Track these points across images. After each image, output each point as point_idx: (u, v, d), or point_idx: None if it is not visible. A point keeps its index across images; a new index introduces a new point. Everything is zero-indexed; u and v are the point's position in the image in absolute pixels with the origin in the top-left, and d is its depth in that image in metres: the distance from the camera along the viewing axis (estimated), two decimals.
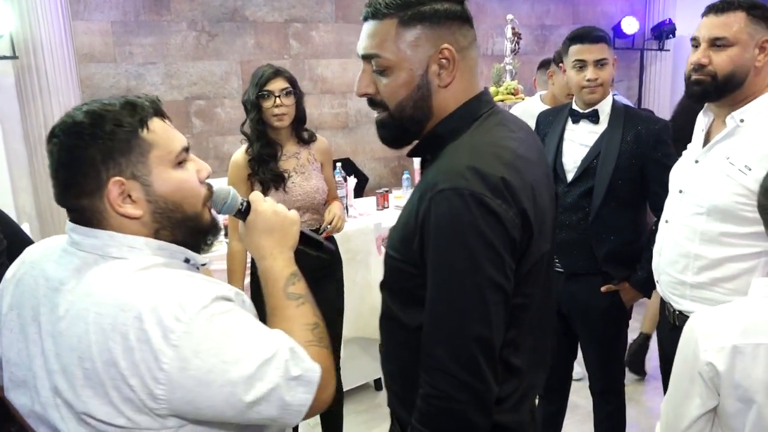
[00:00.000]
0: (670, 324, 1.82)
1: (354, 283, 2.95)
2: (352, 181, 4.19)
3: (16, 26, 3.79)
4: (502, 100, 4.48)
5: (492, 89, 4.59)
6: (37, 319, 0.96)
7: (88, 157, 0.94)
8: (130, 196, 0.96)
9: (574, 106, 2.35)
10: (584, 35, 2.29)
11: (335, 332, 2.59)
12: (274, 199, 2.30)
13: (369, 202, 4.32)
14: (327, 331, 1.07)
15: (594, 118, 2.29)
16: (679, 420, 1.20)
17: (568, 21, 6.27)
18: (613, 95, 2.39)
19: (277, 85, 2.30)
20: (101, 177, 0.95)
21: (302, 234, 1.21)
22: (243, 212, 1.14)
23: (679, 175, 1.82)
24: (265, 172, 2.33)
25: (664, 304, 1.87)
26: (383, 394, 3.36)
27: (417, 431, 1.02)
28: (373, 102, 1.12)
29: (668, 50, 6.56)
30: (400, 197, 4.54)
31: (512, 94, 4.46)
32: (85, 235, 0.97)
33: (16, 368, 0.99)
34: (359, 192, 4.54)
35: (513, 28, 4.59)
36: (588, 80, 2.25)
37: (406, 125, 1.11)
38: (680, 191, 1.78)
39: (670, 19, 6.42)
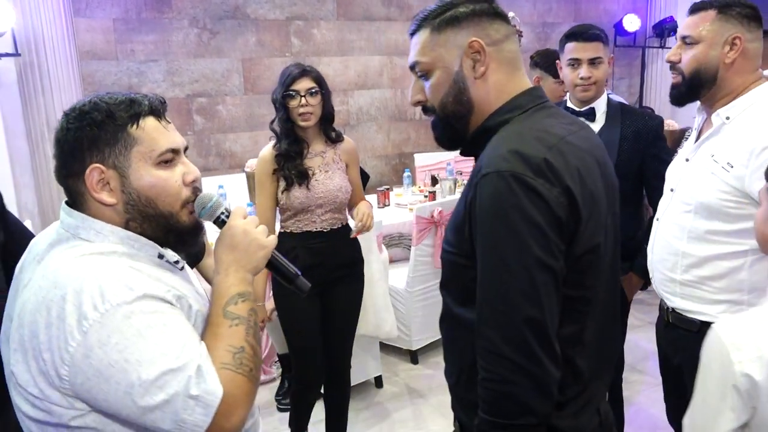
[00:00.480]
0: (665, 321, 1.83)
1: None
2: None
3: (18, 23, 3.80)
4: None
5: None
6: (23, 282, 1.04)
7: (77, 140, 1.01)
8: (108, 184, 1.02)
9: (569, 104, 2.36)
10: (579, 33, 2.29)
11: (351, 330, 2.62)
12: (297, 195, 2.21)
13: (370, 200, 4.32)
14: (256, 357, 1.03)
15: (591, 116, 2.30)
16: None
17: (569, 18, 6.27)
18: (608, 94, 2.40)
19: (303, 84, 2.32)
20: (85, 161, 1.01)
21: (276, 263, 1.19)
22: (220, 222, 1.14)
23: (671, 173, 1.84)
24: (290, 168, 2.35)
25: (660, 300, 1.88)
26: (384, 392, 3.38)
27: (483, 421, 1.01)
28: (426, 108, 1.18)
29: (670, 48, 6.53)
30: (401, 195, 4.56)
31: None
32: (67, 214, 1.05)
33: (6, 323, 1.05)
34: None
35: (515, 26, 4.59)
36: (581, 78, 2.26)
37: (451, 122, 1.15)
38: (671, 189, 1.79)
39: (671, 16, 6.41)
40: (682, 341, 1.76)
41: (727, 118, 1.63)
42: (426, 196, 4.28)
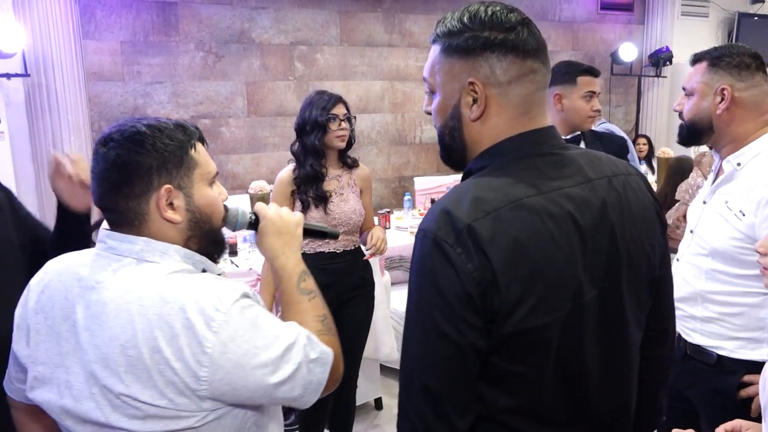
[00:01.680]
0: (682, 352, 1.82)
1: None
2: None
3: (28, 45, 3.88)
4: None
5: None
6: (70, 317, 1.04)
7: (147, 163, 1.04)
8: (171, 204, 1.07)
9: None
10: (593, 69, 2.43)
11: (359, 351, 2.67)
12: (314, 216, 2.29)
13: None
14: (332, 320, 1.19)
15: (577, 141, 2.45)
16: None
17: (568, 47, 6.39)
18: (603, 122, 2.58)
19: (341, 110, 2.47)
20: (153, 183, 1.05)
21: (309, 229, 1.35)
22: (253, 224, 1.26)
23: (691, 215, 1.85)
24: (309, 191, 2.45)
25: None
26: (383, 414, 3.40)
27: None
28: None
29: (665, 77, 6.68)
30: (401, 218, 4.61)
31: None
32: (121, 241, 1.06)
33: (44, 367, 1.06)
34: None
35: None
36: (594, 110, 2.40)
37: (448, 150, 1.06)
38: (691, 231, 1.81)
39: (667, 46, 6.55)
40: (698, 374, 1.77)
41: (738, 164, 1.65)
42: None
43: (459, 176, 1.23)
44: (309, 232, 1.35)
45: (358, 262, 2.57)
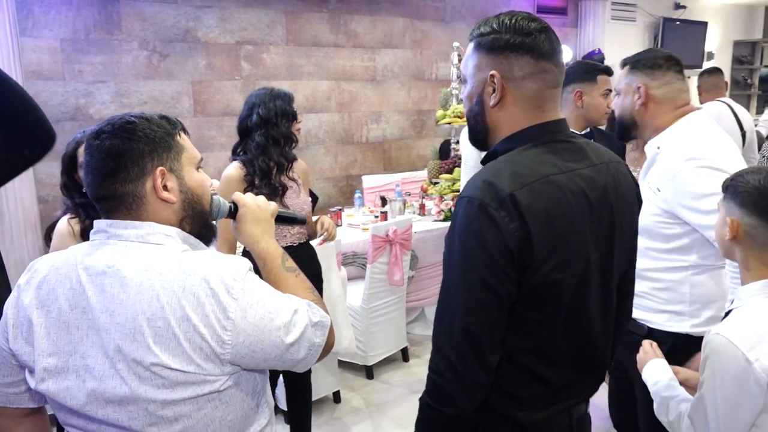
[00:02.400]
0: None
1: None
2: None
3: None
4: (450, 123, 4.71)
5: (439, 113, 4.81)
6: (79, 305, 1.08)
7: (139, 148, 1.11)
8: (166, 186, 1.14)
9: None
10: (609, 69, 2.63)
11: None
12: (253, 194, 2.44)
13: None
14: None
15: (589, 137, 2.58)
16: (735, 429, 1.27)
17: None
18: None
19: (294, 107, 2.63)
20: (147, 166, 1.12)
21: (284, 216, 1.46)
22: (232, 212, 1.34)
23: None
24: (269, 183, 2.49)
25: None
26: (342, 407, 3.46)
27: (422, 399, 1.19)
28: None
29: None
30: (352, 215, 4.67)
31: (459, 117, 4.69)
32: (125, 227, 1.12)
33: (55, 358, 1.08)
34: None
35: (459, 55, 4.84)
36: (609, 106, 2.56)
37: (473, 132, 1.29)
38: None
39: (599, 49, 6.88)
40: (633, 345, 1.90)
41: (659, 147, 1.85)
42: (377, 216, 4.41)
43: (405, 174, 1.32)
44: (282, 219, 1.45)
45: (308, 256, 2.65)
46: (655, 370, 1.59)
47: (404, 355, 4.01)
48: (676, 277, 1.81)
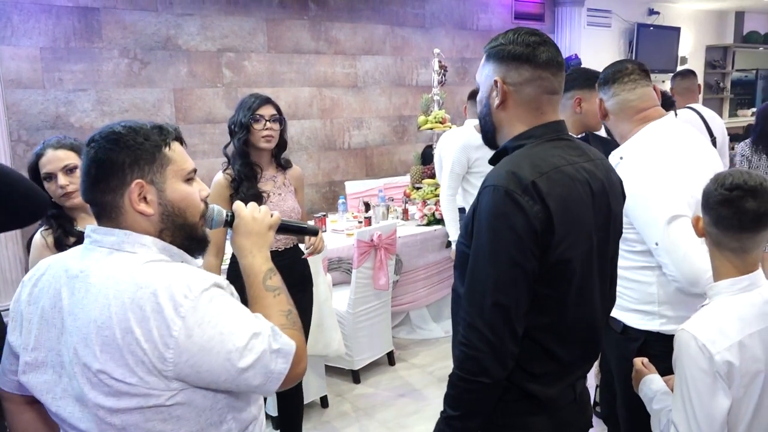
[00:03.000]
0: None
1: None
2: None
3: None
4: (432, 128, 4.76)
5: (421, 118, 4.86)
6: (57, 305, 1.13)
7: (119, 159, 1.13)
8: (145, 198, 1.15)
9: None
10: None
11: None
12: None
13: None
14: (298, 317, 1.26)
15: (586, 140, 2.64)
16: (712, 420, 1.34)
17: None
18: None
19: (268, 111, 2.51)
20: (126, 177, 1.13)
21: (285, 226, 1.43)
22: (230, 222, 1.34)
23: None
24: (245, 191, 2.49)
25: None
26: (330, 411, 3.47)
27: (454, 374, 1.29)
28: None
29: None
30: (336, 221, 4.70)
31: (440, 122, 4.74)
32: (104, 234, 1.15)
33: (37, 352, 1.14)
34: None
35: (439, 61, 4.90)
36: None
37: (483, 131, 1.46)
38: None
39: (576, 54, 7.00)
40: (611, 341, 2.00)
41: (621, 158, 1.91)
42: (361, 222, 4.44)
43: (388, 179, 1.35)
44: (287, 230, 1.44)
45: (297, 260, 2.64)
46: (648, 386, 1.63)
47: (390, 359, 4.04)
48: (645, 278, 1.87)
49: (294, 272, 2.60)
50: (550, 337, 1.31)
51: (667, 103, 3.62)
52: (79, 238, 1.99)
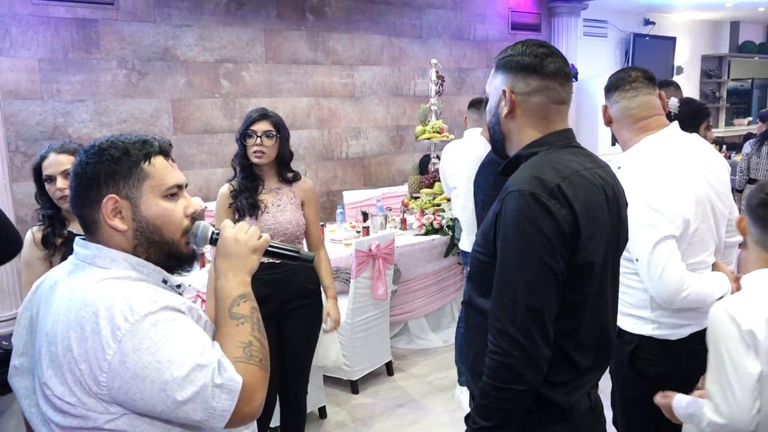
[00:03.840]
0: None
1: None
2: None
3: None
4: (429, 138, 4.77)
5: (418, 128, 4.87)
6: (38, 313, 1.15)
7: (96, 173, 1.13)
8: (120, 213, 1.13)
9: None
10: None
11: (308, 360, 2.72)
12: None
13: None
14: (263, 348, 1.16)
15: None
16: (744, 384, 1.44)
17: (482, 64, 6.73)
18: None
19: (261, 126, 2.51)
20: (101, 192, 1.13)
21: (276, 251, 1.33)
22: (214, 240, 1.25)
23: None
24: (242, 201, 2.51)
25: None
26: (328, 422, 3.45)
27: (485, 384, 1.26)
28: None
29: (572, 93, 7.13)
30: (334, 231, 4.69)
31: (438, 132, 4.75)
32: (82, 247, 1.16)
33: (22, 357, 1.17)
34: None
35: (437, 71, 4.91)
36: None
37: (493, 140, 1.48)
38: None
39: (572, 64, 7.02)
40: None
41: (619, 167, 1.91)
42: (359, 232, 4.44)
43: (386, 189, 1.33)
44: (276, 254, 1.34)
45: (298, 272, 2.57)
46: (679, 404, 1.66)
47: (389, 369, 4.02)
48: (639, 284, 1.88)
49: (292, 285, 2.57)
50: (570, 343, 1.31)
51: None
52: (67, 240, 2.07)
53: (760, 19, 9.70)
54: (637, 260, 1.80)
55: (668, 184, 1.81)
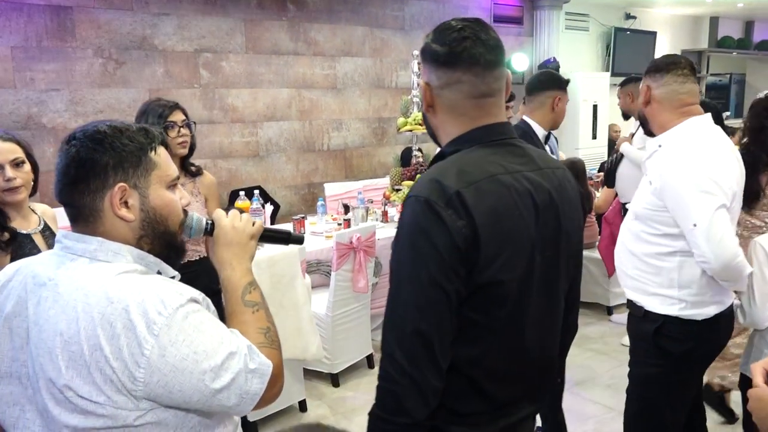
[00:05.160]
0: (627, 309, 2.16)
1: (281, 306, 3.01)
2: (269, 208, 4.26)
3: None
4: (411, 130, 4.74)
5: (400, 120, 4.84)
6: (22, 313, 1.07)
7: (103, 161, 1.07)
8: (126, 203, 1.09)
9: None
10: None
11: None
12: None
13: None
14: (277, 335, 1.19)
15: (548, 138, 2.86)
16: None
17: None
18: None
19: (179, 116, 2.47)
20: (108, 180, 1.07)
21: (268, 234, 1.34)
22: (209, 231, 1.26)
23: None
24: None
25: None
26: (308, 415, 3.43)
27: (372, 412, 1.13)
28: None
29: None
30: (315, 223, 4.66)
31: (419, 124, 4.73)
32: (77, 240, 1.09)
33: (0, 362, 1.09)
34: (272, 219, 4.61)
35: (418, 63, 4.88)
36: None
37: (428, 131, 1.31)
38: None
39: (554, 57, 7.04)
40: (632, 325, 2.11)
41: (659, 145, 2.01)
42: (340, 224, 4.41)
43: (367, 181, 1.30)
44: (271, 238, 1.35)
45: (201, 275, 2.52)
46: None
47: (369, 362, 4.01)
48: (666, 263, 1.96)
49: (196, 287, 2.52)
50: (480, 372, 1.15)
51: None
52: (13, 237, 1.93)
53: (738, 15, 9.81)
54: (695, 225, 1.83)
55: (721, 159, 1.91)
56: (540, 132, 2.80)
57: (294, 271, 3.12)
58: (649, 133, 2.20)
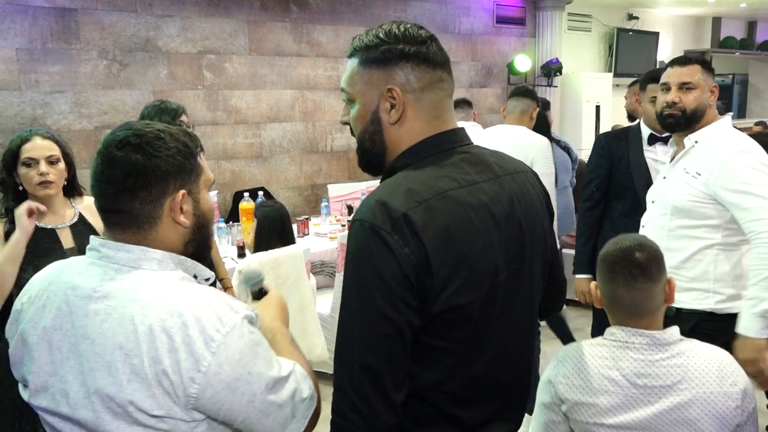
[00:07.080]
0: None
1: None
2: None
3: None
4: None
5: None
6: (63, 326, 1.04)
7: (164, 168, 1.05)
8: (181, 208, 1.07)
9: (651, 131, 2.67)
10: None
11: None
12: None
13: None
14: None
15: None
16: None
17: (468, 58, 6.72)
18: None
19: (185, 118, 2.57)
20: (169, 187, 1.06)
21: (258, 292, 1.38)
22: (260, 293, 1.33)
23: (652, 190, 2.26)
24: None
25: None
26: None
27: None
28: (351, 130, 1.20)
29: (556, 86, 7.17)
30: (319, 224, 4.66)
31: None
32: (117, 249, 1.06)
33: (36, 376, 1.06)
34: None
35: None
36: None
37: (367, 155, 1.16)
38: (652, 202, 2.20)
39: (557, 58, 7.05)
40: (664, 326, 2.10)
41: (696, 141, 2.06)
42: (344, 225, 4.42)
43: (370, 182, 1.28)
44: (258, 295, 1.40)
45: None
46: None
47: None
48: (702, 255, 2.01)
49: None
50: (444, 397, 1.08)
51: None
52: (33, 234, 1.94)
53: (741, 15, 9.80)
54: (760, 196, 1.89)
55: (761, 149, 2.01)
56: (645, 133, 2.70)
57: (299, 272, 3.13)
58: (652, 134, 2.20)
